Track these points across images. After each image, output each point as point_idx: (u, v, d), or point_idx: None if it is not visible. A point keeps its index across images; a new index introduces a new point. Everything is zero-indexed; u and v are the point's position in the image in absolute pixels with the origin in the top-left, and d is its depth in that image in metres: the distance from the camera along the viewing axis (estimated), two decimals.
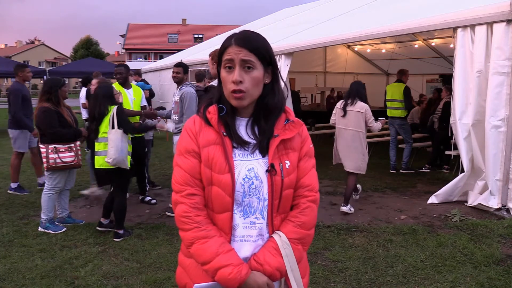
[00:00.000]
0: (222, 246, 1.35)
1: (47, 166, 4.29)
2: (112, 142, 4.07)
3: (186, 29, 56.56)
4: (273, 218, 1.40)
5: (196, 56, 11.94)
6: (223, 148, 1.37)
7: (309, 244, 1.47)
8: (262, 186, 1.38)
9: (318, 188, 1.49)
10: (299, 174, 1.44)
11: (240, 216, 1.38)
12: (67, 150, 4.34)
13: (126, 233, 4.27)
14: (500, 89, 4.66)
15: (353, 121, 4.92)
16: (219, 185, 1.35)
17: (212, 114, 1.40)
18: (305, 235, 1.43)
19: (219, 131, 1.38)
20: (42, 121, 4.31)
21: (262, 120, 1.40)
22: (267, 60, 1.39)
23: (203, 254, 1.34)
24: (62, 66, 22.31)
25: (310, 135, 1.52)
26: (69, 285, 3.31)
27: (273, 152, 1.38)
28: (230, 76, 1.34)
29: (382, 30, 6.05)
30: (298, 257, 1.41)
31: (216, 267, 1.33)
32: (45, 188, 4.49)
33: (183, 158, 1.41)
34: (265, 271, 1.35)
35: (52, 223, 4.51)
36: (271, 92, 1.42)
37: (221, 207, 1.37)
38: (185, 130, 1.44)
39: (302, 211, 1.43)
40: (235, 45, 1.34)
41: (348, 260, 3.66)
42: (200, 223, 1.36)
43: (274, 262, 1.35)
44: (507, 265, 3.51)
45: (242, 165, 1.38)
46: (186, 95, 4.84)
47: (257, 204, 1.38)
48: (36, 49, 59.08)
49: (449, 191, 5.30)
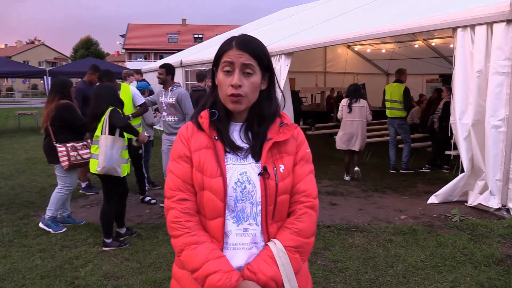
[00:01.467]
0: (212, 252, 1.30)
1: (69, 164, 4.28)
2: (101, 149, 3.87)
3: (186, 29, 56.54)
4: (268, 226, 1.34)
5: (196, 56, 11.94)
6: (214, 152, 1.34)
7: (308, 254, 1.40)
8: (255, 191, 1.33)
9: (317, 195, 1.43)
10: (295, 179, 1.38)
11: (233, 222, 1.34)
12: (83, 147, 4.41)
13: (114, 243, 4.06)
14: (500, 89, 4.65)
15: (358, 114, 6.59)
16: (211, 189, 1.32)
17: (203, 119, 1.38)
18: (303, 243, 1.35)
19: (210, 135, 1.36)
20: (66, 116, 4.35)
21: (256, 125, 1.38)
22: (265, 66, 1.37)
23: (193, 260, 1.30)
24: (62, 66, 22.31)
25: (310, 135, 1.51)
26: (69, 285, 3.31)
27: (266, 155, 1.34)
28: (228, 79, 1.32)
29: (382, 30, 6.05)
30: (295, 267, 1.34)
31: (205, 274, 1.27)
32: (60, 187, 4.49)
33: (175, 163, 1.39)
34: (258, 281, 1.28)
35: (54, 222, 4.52)
36: (267, 99, 1.40)
37: (213, 212, 1.33)
38: (178, 136, 1.43)
39: (298, 217, 1.36)
40: (237, 49, 1.32)
41: (348, 260, 3.66)
42: (190, 229, 1.32)
43: (268, 271, 1.29)
44: (507, 265, 3.51)
45: (235, 169, 1.34)
46: (182, 96, 4.94)
47: (250, 209, 1.34)
48: (36, 49, 59.04)
49: (449, 191, 5.30)
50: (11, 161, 8.60)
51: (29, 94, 36.17)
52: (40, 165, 7.95)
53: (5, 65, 15.31)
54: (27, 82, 41.66)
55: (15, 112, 17.35)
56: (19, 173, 7.42)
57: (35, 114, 15.87)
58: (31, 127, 14.80)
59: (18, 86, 45.79)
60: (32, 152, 9.62)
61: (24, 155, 9.24)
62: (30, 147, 10.44)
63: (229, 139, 1.37)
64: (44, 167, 7.56)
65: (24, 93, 41.76)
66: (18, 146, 10.59)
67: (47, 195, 5.79)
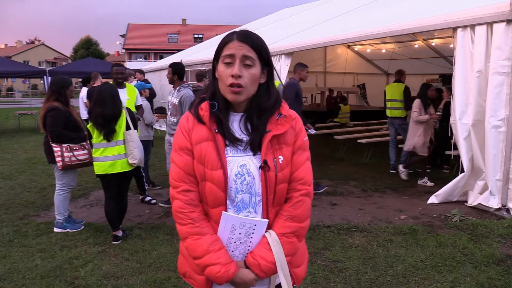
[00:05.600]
0: (213, 244, 1.39)
1: (63, 165, 4.25)
2: (134, 143, 4.14)
3: (186, 29, 56.52)
4: (268, 212, 1.43)
5: (196, 56, 11.94)
6: (215, 144, 1.39)
7: (303, 235, 1.50)
8: (254, 182, 1.40)
9: (312, 181, 1.51)
10: (293, 167, 1.45)
11: (234, 211, 1.41)
12: (80, 148, 4.35)
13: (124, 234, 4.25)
14: (500, 89, 4.65)
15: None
16: (212, 181, 1.38)
17: (204, 111, 1.42)
18: (299, 228, 1.45)
19: (211, 128, 1.40)
20: (47, 121, 4.28)
21: (255, 117, 1.42)
22: (265, 60, 1.41)
23: (195, 250, 1.40)
24: (62, 66, 22.28)
25: (309, 135, 1.53)
26: (69, 285, 3.31)
27: (266, 148, 1.39)
28: (228, 70, 1.36)
29: (382, 30, 6.05)
30: (292, 249, 1.45)
31: (205, 264, 1.38)
32: (58, 188, 4.47)
33: (177, 155, 1.45)
34: (260, 265, 1.39)
35: (70, 222, 4.52)
36: (266, 93, 1.44)
37: (214, 201, 1.41)
38: (179, 127, 1.47)
39: (294, 205, 1.45)
40: (237, 41, 1.36)
41: (348, 260, 3.66)
42: (194, 220, 1.41)
43: (268, 257, 1.39)
44: (507, 265, 3.51)
45: (235, 161, 1.40)
46: (185, 98, 4.92)
47: (249, 199, 1.41)
48: (36, 49, 58.99)
49: (449, 191, 5.30)
50: (11, 161, 8.60)
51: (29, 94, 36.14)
52: (40, 165, 7.95)
53: (5, 65, 15.29)
54: (27, 82, 41.66)
55: (15, 112, 17.33)
56: (19, 173, 7.42)
57: (35, 114, 15.85)
58: (31, 127, 14.80)
59: (18, 86, 45.77)
60: (32, 152, 9.62)
61: (24, 155, 9.24)
62: (30, 147, 10.44)
63: (229, 132, 1.41)
64: (44, 167, 7.56)
65: (24, 93, 41.72)
66: (18, 146, 10.58)
67: (47, 195, 5.81)
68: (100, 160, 4.07)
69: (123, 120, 4.15)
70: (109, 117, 4.02)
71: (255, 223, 1.39)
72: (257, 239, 1.41)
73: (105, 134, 4.03)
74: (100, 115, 4.00)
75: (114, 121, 4.06)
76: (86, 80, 8.54)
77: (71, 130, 4.34)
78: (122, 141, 4.12)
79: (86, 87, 8.08)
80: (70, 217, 4.74)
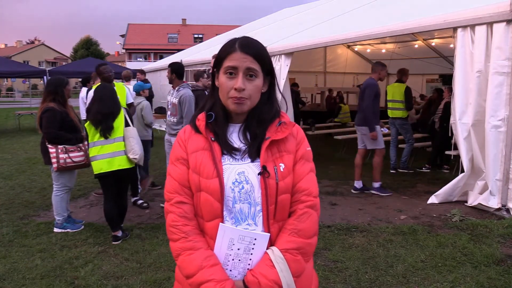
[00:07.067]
0: (207, 259, 1.29)
1: (58, 167, 4.24)
2: (134, 139, 4.16)
3: (186, 29, 56.52)
4: (269, 226, 1.31)
5: (196, 56, 11.94)
6: (211, 153, 1.33)
7: (311, 254, 1.38)
8: (253, 191, 1.31)
9: (318, 194, 1.40)
10: (295, 178, 1.36)
11: (232, 223, 1.31)
12: (76, 149, 4.33)
13: (123, 235, 4.24)
14: (500, 89, 4.65)
15: None
16: (207, 190, 1.30)
17: (200, 121, 1.38)
18: (304, 244, 1.32)
19: (207, 137, 1.36)
20: (42, 122, 4.27)
21: (254, 126, 1.37)
22: (267, 69, 1.38)
23: (188, 266, 1.30)
24: (62, 66, 22.30)
25: (310, 135, 1.50)
26: (69, 285, 3.31)
27: (264, 153, 1.32)
28: (231, 82, 1.31)
29: (382, 30, 6.04)
30: (298, 269, 1.31)
31: (198, 281, 1.27)
32: (55, 189, 4.46)
33: (173, 166, 1.40)
34: (260, 284, 1.26)
35: (70, 222, 4.52)
36: (267, 102, 1.40)
37: (210, 213, 1.31)
38: (176, 140, 1.43)
39: (298, 217, 1.34)
40: (241, 52, 1.31)
41: (348, 260, 3.66)
42: (187, 234, 1.32)
43: (270, 275, 1.27)
44: (507, 265, 3.51)
45: (232, 169, 1.33)
46: (184, 98, 4.89)
47: (248, 209, 1.31)
48: (36, 49, 59.02)
49: (449, 191, 5.30)
50: (11, 161, 8.60)
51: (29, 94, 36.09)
52: (40, 165, 7.94)
53: (5, 65, 15.28)
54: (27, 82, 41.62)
55: (15, 112, 17.34)
56: (19, 173, 7.43)
57: (35, 114, 15.84)
58: (31, 127, 14.79)
59: (18, 86, 45.76)
60: (32, 152, 9.63)
61: (24, 155, 9.25)
62: (30, 147, 10.45)
63: (225, 141, 1.36)
64: (44, 167, 7.54)
65: (24, 93, 41.73)
66: (18, 146, 10.59)
67: (47, 195, 5.80)
68: (98, 158, 4.06)
69: (122, 118, 4.16)
70: (108, 114, 4.04)
71: (255, 236, 1.28)
72: (258, 256, 1.30)
73: (102, 130, 4.03)
74: (99, 112, 4.04)
75: (112, 118, 4.07)
76: (86, 80, 8.53)
77: (68, 130, 4.32)
78: (120, 138, 4.11)
79: (86, 87, 8.06)
80: (70, 217, 4.74)
